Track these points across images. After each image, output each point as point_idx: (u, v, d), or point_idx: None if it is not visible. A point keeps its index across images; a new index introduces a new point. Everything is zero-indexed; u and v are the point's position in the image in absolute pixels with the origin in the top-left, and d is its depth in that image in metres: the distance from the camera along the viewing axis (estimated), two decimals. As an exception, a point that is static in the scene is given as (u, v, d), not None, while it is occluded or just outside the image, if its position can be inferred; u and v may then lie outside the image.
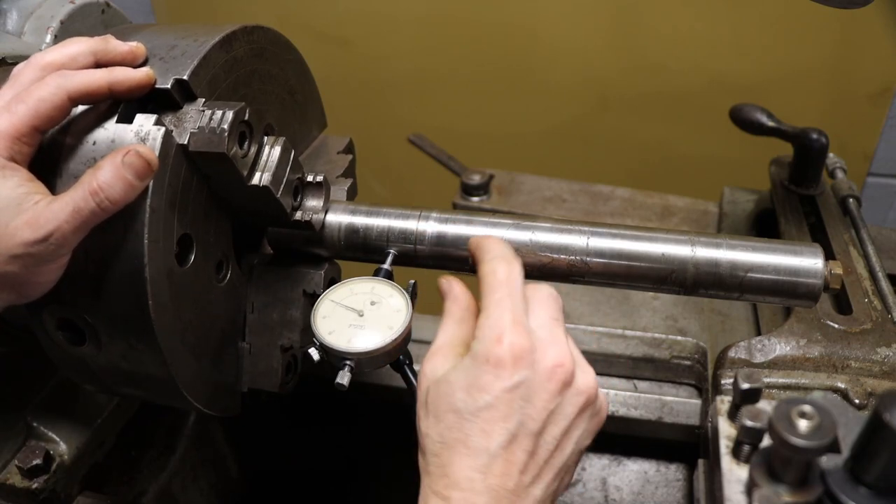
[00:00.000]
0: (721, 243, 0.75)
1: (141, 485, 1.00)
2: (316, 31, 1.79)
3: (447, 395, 0.62)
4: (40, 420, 0.88)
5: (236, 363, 0.81)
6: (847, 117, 1.68)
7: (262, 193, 0.73)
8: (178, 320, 0.70)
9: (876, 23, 1.55)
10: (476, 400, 0.61)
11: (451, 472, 0.60)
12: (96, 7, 0.90)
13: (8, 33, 0.85)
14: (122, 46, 0.69)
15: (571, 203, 1.30)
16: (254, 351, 0.82)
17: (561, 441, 0.62)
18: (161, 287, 0.66)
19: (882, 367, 0.84)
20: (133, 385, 0.75)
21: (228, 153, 0.67)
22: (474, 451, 0.60)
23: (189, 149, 0.67)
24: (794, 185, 1.15)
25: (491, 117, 1.85)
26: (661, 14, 1.63)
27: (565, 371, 0.62)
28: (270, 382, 0.81)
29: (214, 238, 0.76)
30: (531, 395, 0.61)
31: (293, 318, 0.81)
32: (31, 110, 0.63)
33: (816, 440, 0.52)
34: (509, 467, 0.60)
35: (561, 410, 0.62)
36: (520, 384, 0.61)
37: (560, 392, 0.62)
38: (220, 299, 0.78)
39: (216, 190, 0.73)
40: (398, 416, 1.08)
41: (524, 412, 0.61)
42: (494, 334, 0.62)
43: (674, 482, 1.08)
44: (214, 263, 0.76)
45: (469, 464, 0.59)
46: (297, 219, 0.78)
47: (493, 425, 0.60)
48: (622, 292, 1.15)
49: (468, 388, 0.61)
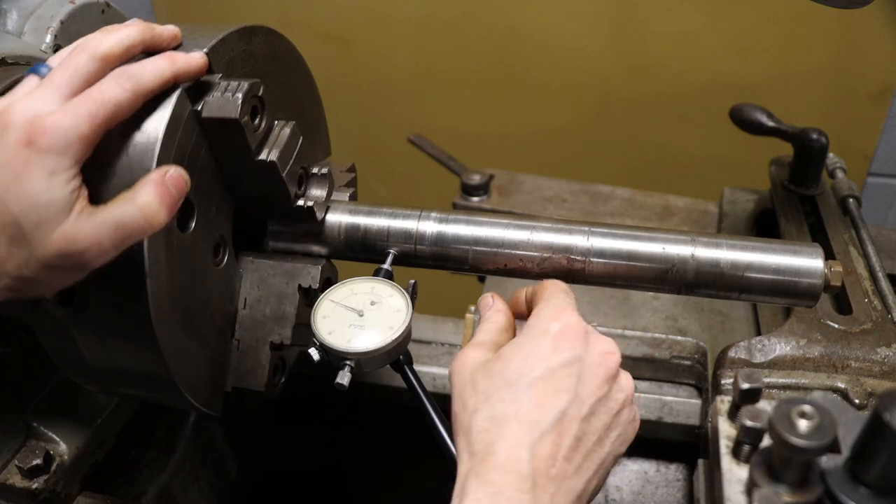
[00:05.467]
0: (721, 243, 0.75)
1: (141, 485, 1.00)
2: (316, 31, 1.79)
3: (502, 370, 0.62)
4: (40, 420, 0.88)
5: (225, 358, 0.80)
6: (847, 117, 1.68)
7: (268, 169, 0.73)
8: (171, 283, 0.67)
9: (876, 23, 1.55)
10: (533, 369, 0.61)
11: (497, 450, 0.58)
12: (96, 7, 0.90)
13: (8, 33, 0.85)
14: (167, 32, 0.67)
15: (571, 203, 1.30)
16: (242, 347, 0.80)
17: (602, 436, 0.62)
18: (158, 245, 0.64)
19: (882, 367, 0.84)
20: (119, 367, 0.72)
21: (240, 120, 0.67)
22: (526, 425, 0.59)
23: (202, 115, 0.67)
24: (794, 185, 1.15)
25: (491, 117, 1.85)
26: (661, 14, 1.63)
27: (614, 360, 0.64)
28: (256, 381, 0.79)
29: (215, 216, 0.75)
30: (584, 375, 0.62)
31: (286, 314, 0.79)
32: (109, 114, 0.59)
33: (816, 440, 0.52)
34: (556, 450, 0.58)
35: (607, 401, 0.63)
36: (575, 360, 0.62)
37: (608, 380, 0.63)
38: (214, 282, 0.76)
39: (224, 164, 0.73)
40: (398, 416, 1.08)
41: (576, 391, 0.61)
42: (553, 313, 0.65)
43: (674, 482, 1.08)
44: (212, 244, 0.75)
45: (518, 440, 0.58)
46: (299, 205, 0.78)
47: (547, 398, 0.60)
48: (622, 292, 1.15)
49: (525, 358, 0.62)
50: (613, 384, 0.64)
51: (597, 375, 0.62)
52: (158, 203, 0.60)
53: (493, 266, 0.79)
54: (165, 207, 0.60)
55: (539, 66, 1.74)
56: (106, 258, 0.60)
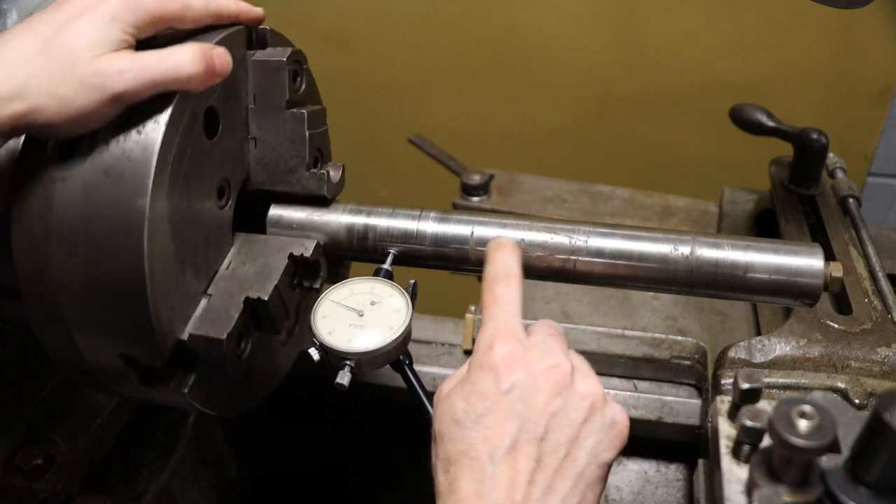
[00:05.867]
0: (721, 243, 0.75)
1: (141, 485, 1.00)
2: (316, 31, 1.78)
3: (449, 410, 0.62)
4: (40, 420, 0.88)
5: (191, 309, 0.72)
6: (847, 117, 1.68)
7: (297, 121, 0.78)
8: (174, 179, 0.66)
9: (876, 23, 1.55)
10: (475, 407, 0.61)
11: (457, 489, 0.58)
12: (96, 7, 0.90)
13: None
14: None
15: (571, 203, 1.30)
16: (213, 301, 0.73)
17: (571, 450, 0.60)
18: (177, 130, 0.66)
19: (882, 367, 0.84)
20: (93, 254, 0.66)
21: (286, 64, 0.76)
22: (479, 461, 0.59)
23: (253, 57, 0.77)
24: (794, 185, 1.15)
25: (491, 117, 1.85)
26: (661, 14, 1.63)
27: (560, 371, 0.62)
28: (216, 329, 0.70)
29: (233, 154, 0.77)
30: (529, 397, 0.60)
31: (270, 274, 0.74)
32: (179, 9, 0.67)
33: (816, 440, 0.52)
34: (516, 476, 0.58)
35: (564, 415, 0.61)
36: (515, 386, 0.61)
37: (558, 393, 0.61)
38: (209, 220, 0.73)
39: (257, 108, 0.78)
40: (398, 416, 1.08)
41: (524, 415, 0.60)
42: (486, 344, 0.63)
43: (674, 482, 1.08)
44: (221, 179, 0.75)
45: (474, 475, 0.58)
46: (313, 171, 0.80)
47: (494, 430, 0.59)
48: (622, 292, 1.15)
49: (467, 397, 0.62)
50: (567, 394, 0.61)
51: (543, 391, 0.61)
52: (199, 58, 0.65)
53: (493, 266, 0.79)
54: (204, 66, 0.66)
55: (539, 66, 1.74)
56: (135, 90, 0.63)
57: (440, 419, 0.63)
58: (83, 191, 0.64)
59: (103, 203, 0.64)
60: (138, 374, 0.70)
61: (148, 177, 0.64)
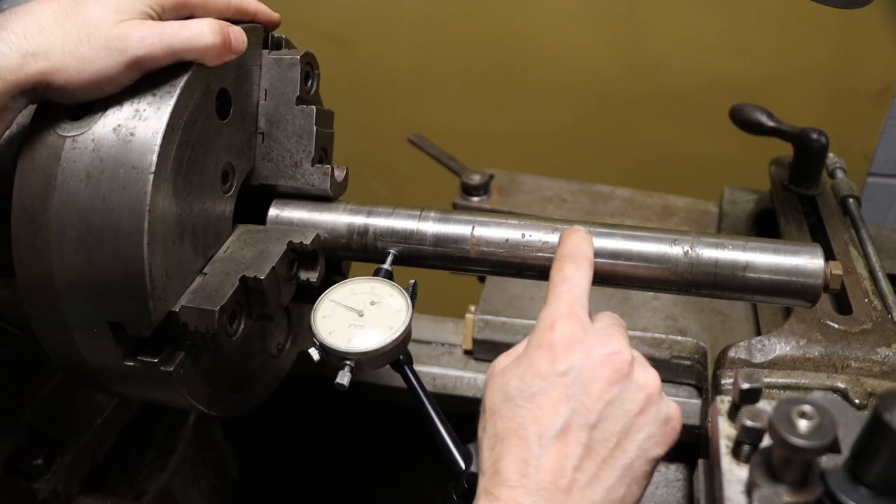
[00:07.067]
0: (721, 243, 0.75)
1: (141, 485, 1.00)
2: (316, 31, 1.78)
3: (502, 386, 0.62)
4: (40, 420, 0.88)
5: (185, 285, 0.72)
6: (847, 117, 1.68)
7: (306, 116, 0.80)
8: (180, 150, 0.67)
9: (876, 23, 1.55)
10: (529, 385, 0.60)
11: (502, 468, 0.57)
12: (96, 7, 0.90)
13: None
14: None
15: (571, 203, 1.30)
16: (207, 279, 0.72)
17: (621, 440, 0.59)
18: (188, 103, 0.68)
19: (882, 367, 0.84)
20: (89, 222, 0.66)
21: (301, 62, 0.80)
22: (526, 441, 0.58)
23: (268, 54, 0.80)
24: (794, 185, 1.15)
25: (491, 117, 1.85)
26: (661, 14, 1.63)
27: (620, 359, 0.61)
28: (209, 301, 0.69)
29: (240, 143, 0.78)
30: (585, 382, 0.60)
31: (268, 256, 0.74)
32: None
33: (816, 440, 0.52)
34: (563, 461, 0.57)
35: (619, 404, 0.60)
36: (572, 368, 0.60)
37: (616, 382, 0.60)
38: (211, 202, 0.74)
39: (269, 100, 0.80)
40: (398, 416, 1.08)
41: (578, 399, 0.59)
42: (547, 322, 0.63)
43: (674, 482, 1.08)
44: (226, 163, 0.75)
45: (520, 455, 0.57)
46: (318, 165, 0.80)
47: (546, 411, 0.58)
48: (622, 292, 1.15)
49: (522, 375, 0.61)
50: (624, 383, 0.60)
51: (600, 378, 0.60)
52: (217, 31, 0.68)
53: (493, 266, 0.79)
54: (221, 39, 0.68)
55: (539, 66, 1.74)
56: (155, 56, 0.65)
57: (491, 394, 0.62)
58: (93, 147, 0.65)
59: (111, 157, 0.65)
60: (124, 347, 0.69)
61: (158, 133, 0.65)
